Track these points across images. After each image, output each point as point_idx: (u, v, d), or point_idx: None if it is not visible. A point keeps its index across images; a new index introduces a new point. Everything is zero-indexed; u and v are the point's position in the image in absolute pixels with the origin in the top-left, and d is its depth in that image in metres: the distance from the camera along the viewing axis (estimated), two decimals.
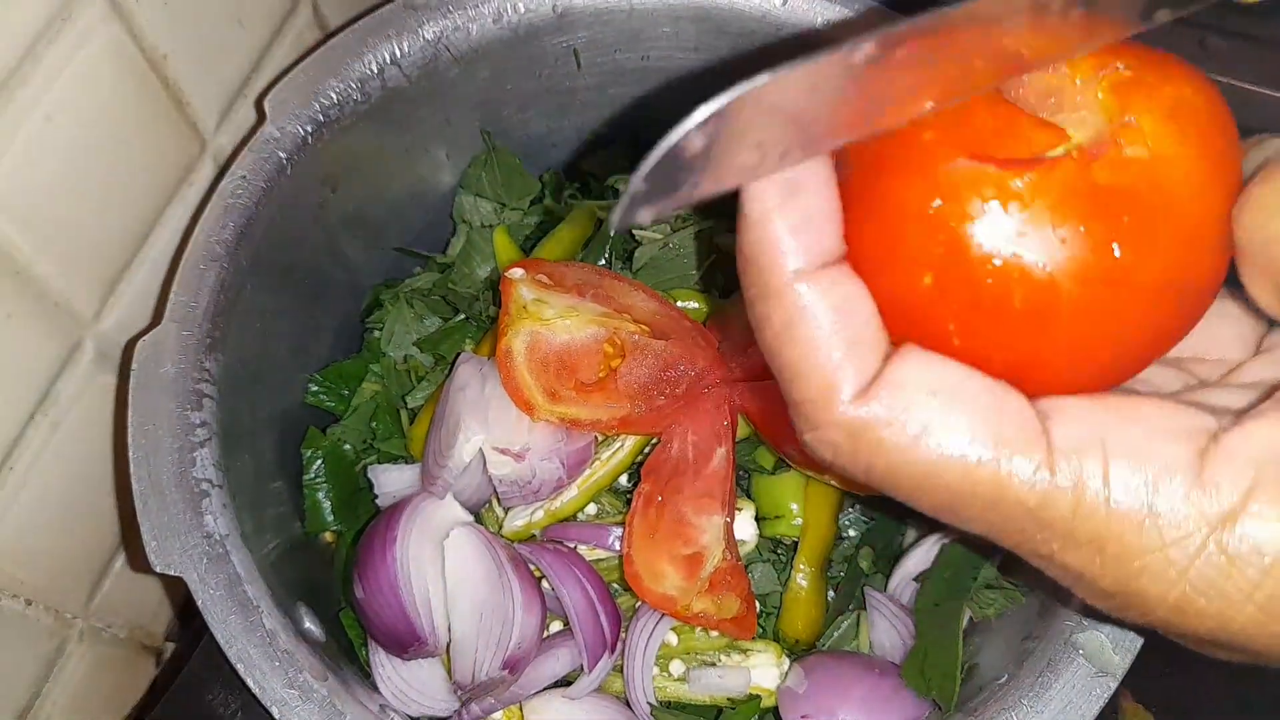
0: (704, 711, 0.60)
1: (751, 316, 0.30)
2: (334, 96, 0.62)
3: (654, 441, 0.63)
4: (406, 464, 0.65)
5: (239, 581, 0.50)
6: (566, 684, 0.59)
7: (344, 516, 0.65)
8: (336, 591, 0.64)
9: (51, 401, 0.57)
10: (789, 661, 0.60)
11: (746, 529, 0.62)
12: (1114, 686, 0.49)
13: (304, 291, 0.66)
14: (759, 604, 0.61)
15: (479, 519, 0.62)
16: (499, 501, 0.62)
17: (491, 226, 0.73)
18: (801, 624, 0.62)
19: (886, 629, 0.61)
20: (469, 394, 0.59)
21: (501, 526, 0.62)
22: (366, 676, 0.60)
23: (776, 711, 0.59)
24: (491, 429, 0.58)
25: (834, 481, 0.62)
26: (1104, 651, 0.49)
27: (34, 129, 0.50)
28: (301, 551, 0.63)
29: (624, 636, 0.60)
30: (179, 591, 0.74)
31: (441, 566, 0.57)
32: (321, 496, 0.64)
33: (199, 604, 0.49)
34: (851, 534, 0.67)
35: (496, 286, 0.69)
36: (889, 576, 0.64)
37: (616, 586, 0.62)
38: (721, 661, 0.60)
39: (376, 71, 0.63)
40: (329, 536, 0.66)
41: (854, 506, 0.66)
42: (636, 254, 0.69)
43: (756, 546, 0.63)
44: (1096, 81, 0.30)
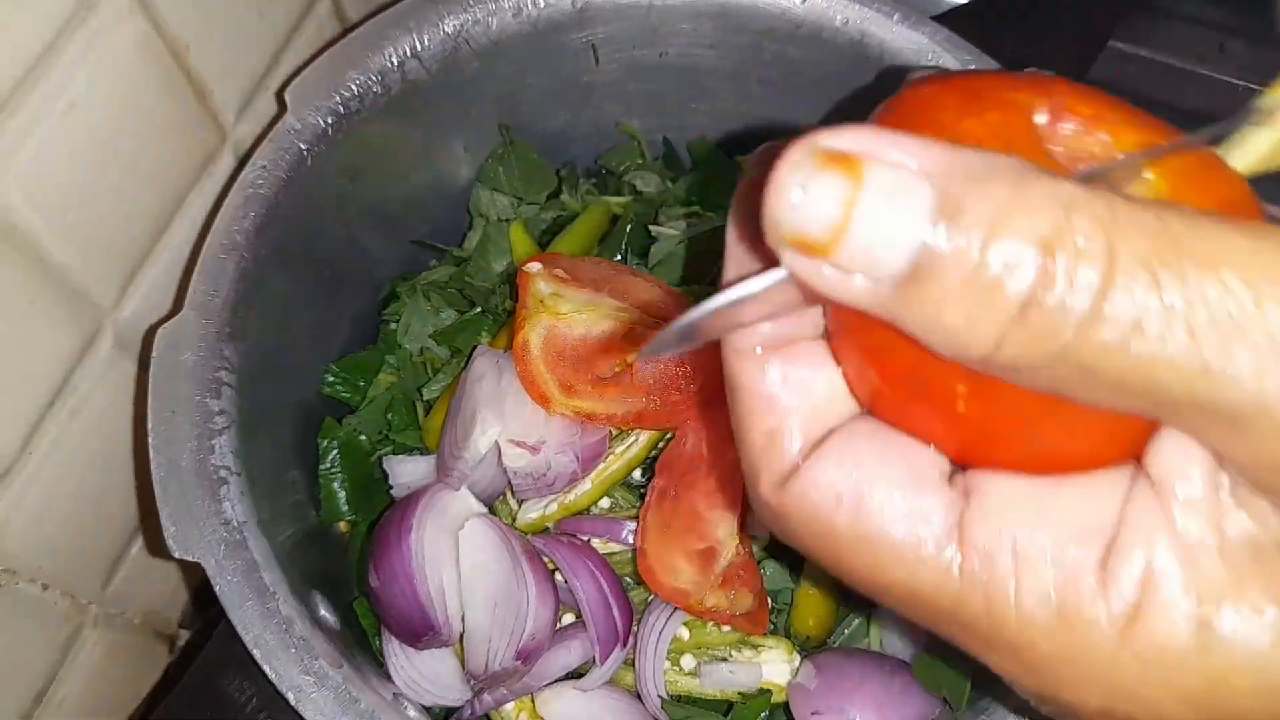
0: (714, 706, 0.61)
1: None
2: (354, 89, 0.62)
3: (668, 436, 0.63)
4: (422, 455, 0.65)
5: (256, 568, 0.50)
6: (578, 676, 0.60)
7: (359, 507, 0.65)
8: (350, 581, 0.65)
9: (70, 389, 0.57)
10: (800, 658, 0.61)
11: (759, 525, 0.62)
12: None
13: (321, 282, 0.66)
14: (770, 600, 0.62)
15: (493, 511, 0.62)
16: (513, 494, 0.63)
17: (508, 220, 0.73)
18: (813, 621, 0.62)
19: (897, 627, 0.62)
20: (485, 386, 0.60)
21: (515, 519, 0.63)
22: (379, 666, 0.60)
23: (787, 707, 0.60)
24: (507, 421, 0.59)
25: None
26: None
27: (57, 118, 0.51)
28: (316, 541, 0.63)
29: (636, 630, 0.60)
30: (194, 579, 0.75)
31: (456, 557, 0.57)
32: (337, 486, 0.65)
33: (216, 590, 0.49)
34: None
35: (512, 280, 0.69)
36: None
37: (629, 580, 0.62)
38: (733, 657, 0.60)
39: (397, 64, 0.63)
40: (343, 526, 0.67)
41: None
42: (653, 250, 0.70)
43: (769, 543, 0.63)
44: (1144, 158, 0.27)
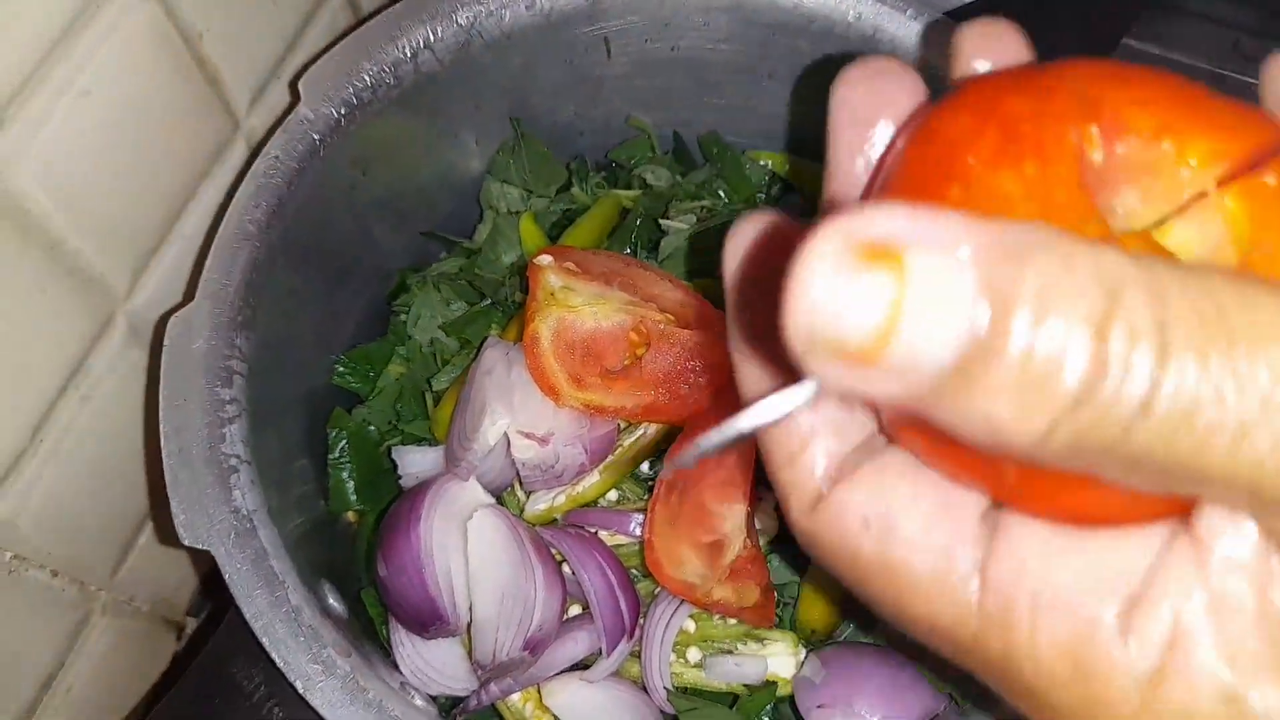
0: (720, 698, 0.61)
1: None
2: (367, 80, 0.62)
3: (677, 430, 0.63)
4: (430, 446, 0.65)
5: (265, 557, 0.50)
6: (584, 667, 0.60)
7: (367, 497, 0.65)
8: (358, 571, 0.65)
9: (83, 375, 0.57)
10: (805, 652, 0.61)
11: (766, 520, 0.63)
12: None
13: (332, 273, 0.66)
14: (777, 594, 0.62)
15: (501, 502, 0.62)
16: (521, 485, 0.63)
17: (518, 213, 0.73)
18: (819, 614, 0.62)
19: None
20: (495, 378, 0.60)
21: (523, 510, 0.63)
22: (387, 655, 0.60)
23: (792, 701, 0.60)
24: (517, 413, 0.59)
25: None
26: None
27: (71, 104, 0.51)
28: (325, 530, 0.64)
29: (642, 622, 0.60)
30: (202, 567, 0.75)
31: (464, 547, 0.57)
32: (345, 476, 0.65)
33: (226, 578, 0.49)
34: None
35: (522, 272, 0.69)
36: None
37: (636, 572, 0.62)
38: (739, 650, 0.60)
39: (410, 55, 0.63)
40: (351, 516, 0.67)
41: None
42: (663, 243, 0.70)
43: (776, 537, 0.63)
44: (1218, 178, 0.24)
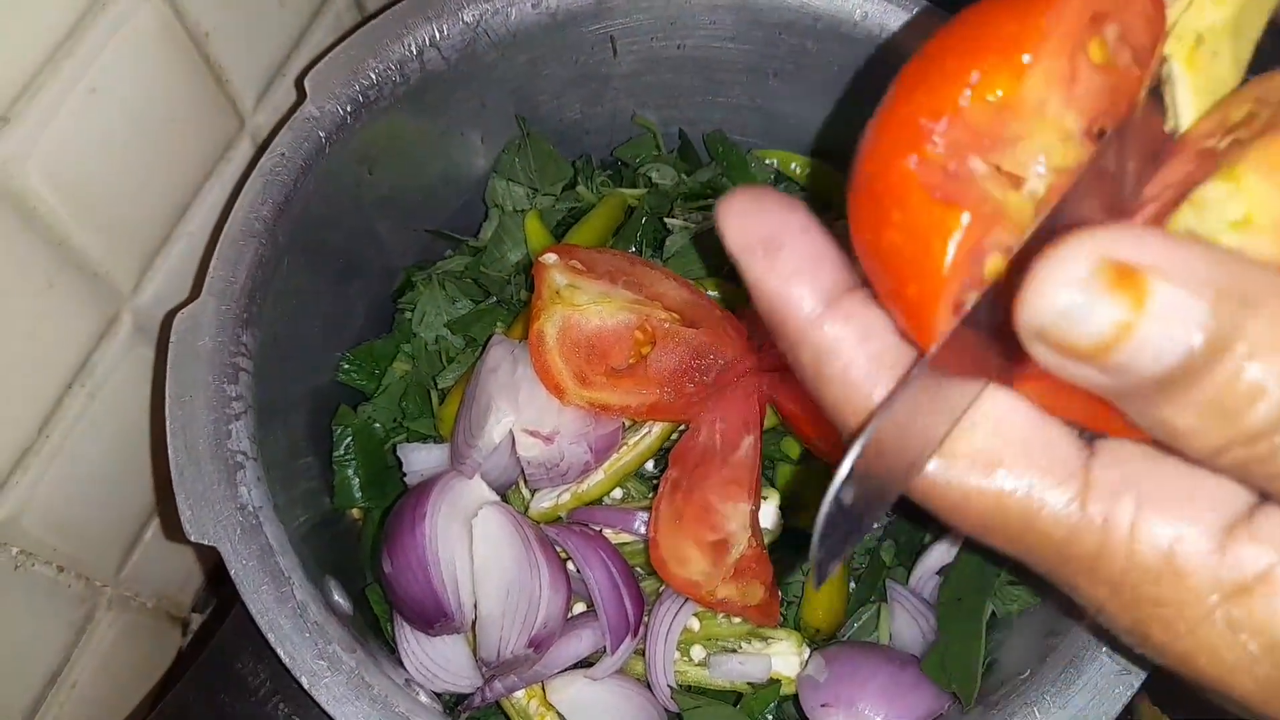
0: (723, 697, 0.61)
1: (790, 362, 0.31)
2: (373, 77, 0.62)
3: (681, 428, 0.63)
4: (435, 443, 0.65)
5: (271, 553, 0.50)
6: (588, 665, 0.60)
7: (372, 493, 0.65)
8: (363, 568, 0.65)
9: (88, 372, 0.58)
10: (809, 651, 0.61)
11: (770, 518, 0.63)
12: (1136, 685, 0.49)
13: (338, 270, 0.66)
14: (781, 593, 0.62)
15: (506, 500, 0.63)
16: (526, 483, 0.63)
17: (524, 211, 0.73)
18: (822, 614, 0.62)
19: (907, 622, 0.62)
20: (500, 376, 0.60)
21: (528, 507, 0.63)
22: (391, 652, 0.60)
23: (796, 700, 0.60)
24: (522, 411, 0.59)
25: None
26: (1128, 650, 0.49)
27: (78, 101, 0.51)
28: (330, 527, 0.64)
29: (647, 620, 0.60)
30: (207, 563, 0.75)
31: (469, 544, 0.57)
32: (351, 473, 0.65)
33: (232, 574, 0.49)
34: (874, 526, 0.67)
35: (527, 271, 0.69)
36: (911, 570, 0.65)
37: (640, 570, 0.62)
38: (742, 648, 0.61)
39: (416, 53, 0.63)
40: (356, 513, 0.67)
41: None
42: (667, 242, 0.70)
43: (780, 536, 0.63)
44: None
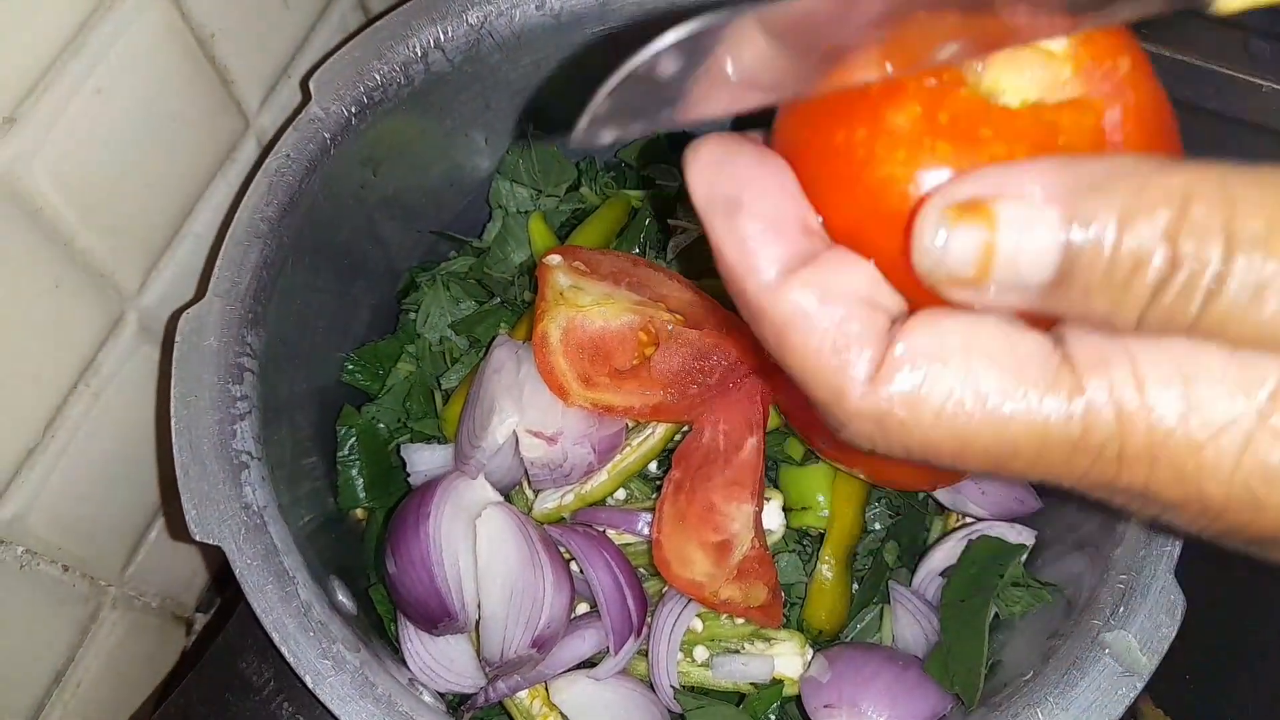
0: (726, 697, 0.61)
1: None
2: (378, 79, 0.62)
3: (685, 429, 0.64)
4: (439, 444, 0.66)
5: (276, 553, 0.50)
6: (591, 665, 0.60)
7: (376, 494, 0.66)
8: (366, 568, 0.65)
9: (94, 372, 0.58)
10: (812, 651, 0.61)
11: (774, 519, 0.63)
12: (1140, 687, 0.49)
13: (342, 271, 0.66)
14: (784, 594, 0.62)
15: (509, 500, 0.63)
16: (529, 484, 0.63)
17: (527, 213, 0.73)
18: (825, 614, 0.62)
19: (910, 623, 0.62)
20: (504, 377, 0.60)
21: (531, 508, 0.63)
22: (395, 652, 0.61)
23: (799, 700, 0.60)
24: (525, 412, 0.59)
25: (861, 475, 0.62)
26: (1131, 651, 0.50)
27: (84, 102, 0.51)
28: (333, 527, 0.64)
29: (650, 621, 0.60)
30: (212, 563, 0.75)
31: (473, 544, 0.57)
32: (355, 473, 0.65)
33: (236, 573, 0.50)
34: (877, 528, 0.67)
35: (531, 272, 0.70)
36: (914, 571, 0.65)
37: (644, 571, 0.62)
38: (745, 649, 0.61)
39: (420, 55, 0.63)
40: (360, 513, 0.67)
41: (880, 501, 0.67)
42: (671, 244, 0.70)
43: (783, 537, 0.63)
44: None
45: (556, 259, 0.63)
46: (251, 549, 0.50)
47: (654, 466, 0.65)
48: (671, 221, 0.71)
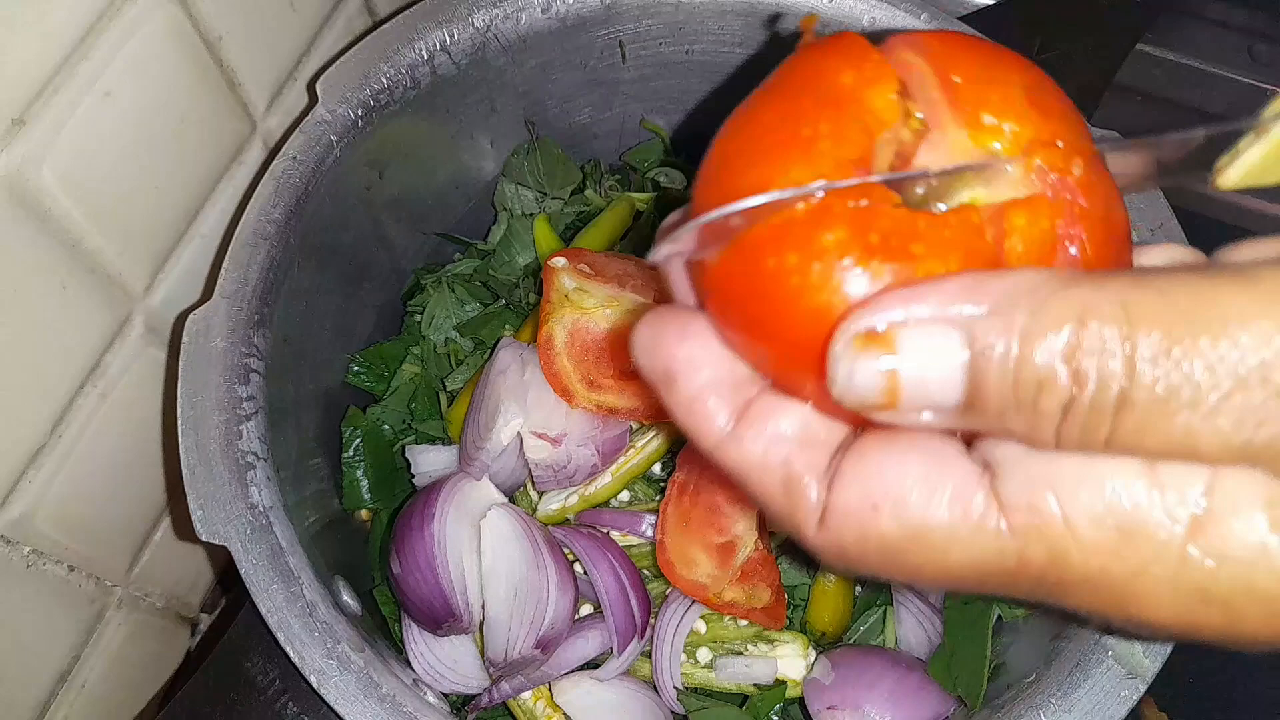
0: (730, 699, 0.61)
1: None
2: (384, 81, 0.62)
3: None
4: (444, 445, 0.66)
5: (281, 553, 0.50)
6: (595, 666, 0.60)
7: (381, 495, 0.66)
8: (370, 569, 0.65)
9: (101, 372, 0.58)
10: (815, 653, 0.61)
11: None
12: (1143, 689, 0.49)
13: (348, 272, 0.67)
14: (787, 596, 0.62)
15: (513, 501, 0.63)
16: (534, 485, 0.63)
17: (532, 215, 0.74)
18: (829, 616, 0.62)
19: (913, 625, 0.62)
20: (509, 378, 0.60)
21: (536, 510, 0.63)
22: (399, 653, 0.61)
23: (802, 702, 0.60)
24: (530, 413, 0.59)
25: None
26: (1134, 654, 0.50)
27: (92, 104, 0.51)
28: (338, 528, 0.64)
29: (654, 622, 0.60)
30: (217, 563, 0.76)
31: (477, 545, 0.58)
32: (360, 474, 0.65)
33: (242, 573, 0.50)
34: None
35: (536, 274, 0.70)
36: None
37: (647, 573, 0.62)
38: (749, 651, 0.61)
39: (426, 58, 0.64)
40: (365, 514, 0.67)
41: None
42: None
43: (786, 539, 0.63)
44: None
45: (561, 261, 0.63)
46: (257, 549, 0.50)
47: (658, 468, 0.65)
48: None
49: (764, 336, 0.30)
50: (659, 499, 0.62)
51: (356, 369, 0.69)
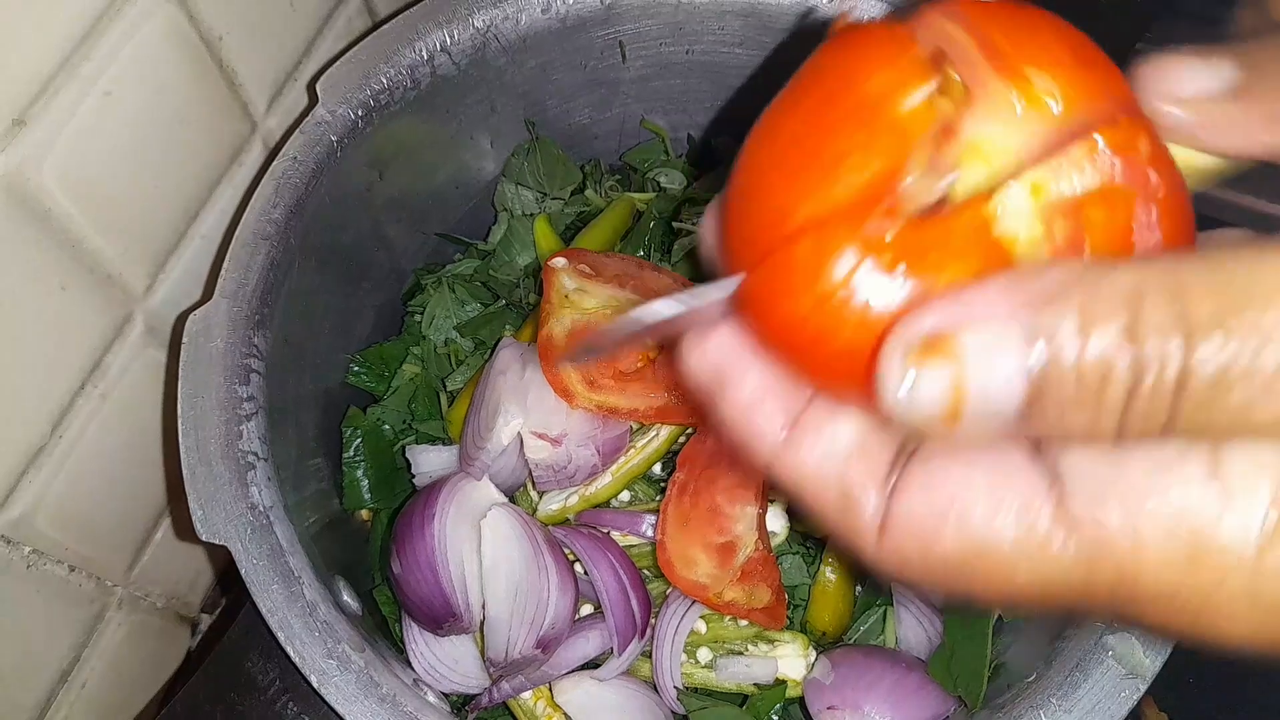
0: (730, 699, 0.61)
1: None
2: (385, 82, 0.62)
3: (689, 431, 0.64)
4: (444, 445, 0.66)
5: (281, 553, 0.50)
6: (595, 666, 0.60)
7: (381, 495, 0.66)
8: (371, 569, 0.66)
9: (101, 373, 0.58)
10: (815, 653, 0.61)
11: (777, 521, 0.63)
12: (1143, 689, 0.49)
13: (348, 273, 0.67)
14: (787, 596, 0.62)
15: (514, 501, 0.63)
16: (534, 485, 0.63)
17: (533, 215, 0.74)
18: (829, 616, 0.62)
19: (913, 625, 0.62)
20: (509, 378, 0.60)
21: (536, 510, 0.63)
22: (400, 653, 0.61)
23: (802, 702, 0.60)
24: (530, 413, 0.59)
25: None
26: (1134, 653, 0.50)
27: (93, 104, 0.51)
28: (338, 528, 0.64)
29: (654, 622, 0.60)
30: (217, 564, 0.76)
31: (478, 545, 0.58)
32: (360, 474, 0.66)
33: (242, 573, 0.50)
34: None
35: (536, 274, 0.70)
36: None
37: (647, 573, 0.62)
38: (749, 651, 0.61)
39: (426, 58, 0.64)
40: (365, 514, 0.67)
41: None
42: (675, 246, 0.70)
43: (787, 539, 0.64)
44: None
45: (562, 261, 0.63)
46: (257, 549, 0.50)
47: (658, 468, 0.65)
48: (676, 224, 0.71)
49: (805, 364, 0.29)
50: (659, 499, 0.62)
51: (357, 369, 0.69)
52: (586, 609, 0.63)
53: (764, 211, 0.28)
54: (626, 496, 0.64)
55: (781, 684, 0.60)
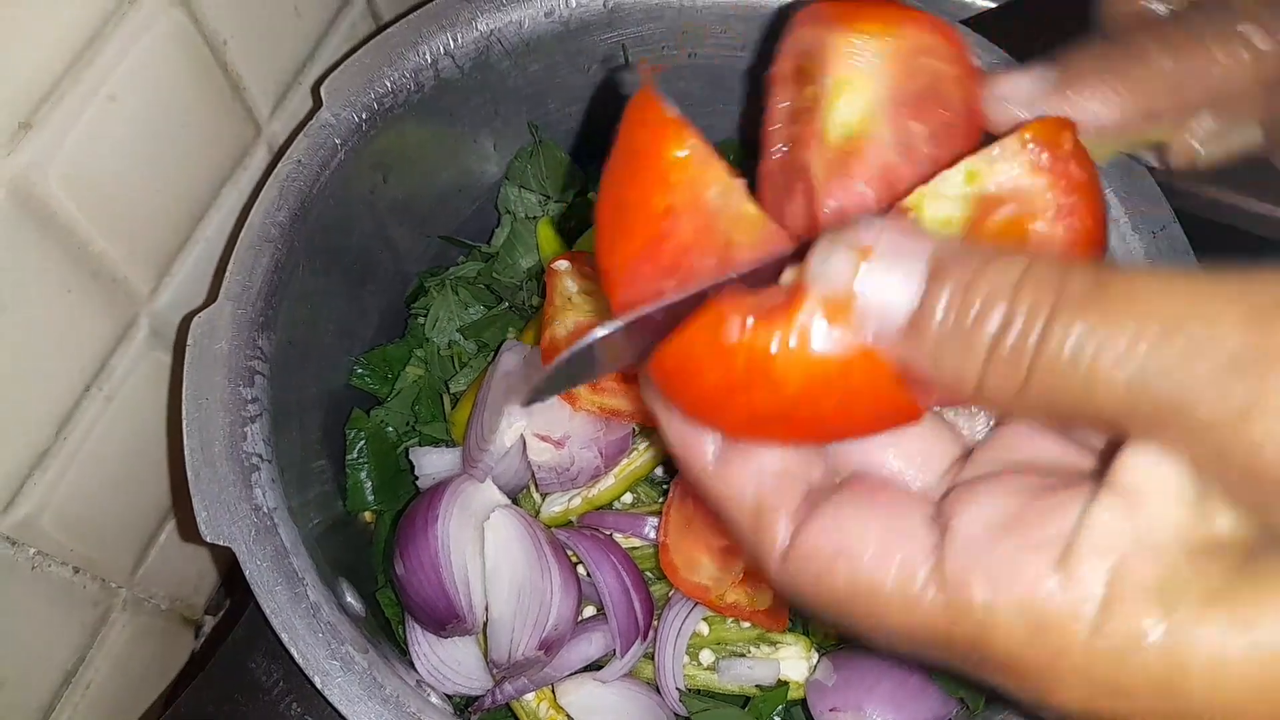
0: (732, 700, 0.61)
1: None
2: (389, 85, 0.63)
3: None
4: (447, 447, 0.66)
5: (285, 554, 0.51)
6: (598, 668, 0.60)
7: (384, 497, 0.66)
8: (374, 571, 0.66)
9: (106, 375, 0.58)
10: (817, 655, 0.61)
11: None
12: None
13: (352, 275, 0.67)
14: None
15: (517, 503, 0.63)
16: (536, 487, 0.63)
17: (536, 218, 0.74)
18: None
19: None
20: (512, 381, 0.60)
21: (539, 511, 0.63)
22: (403, 654, 0.61)
23: (804, 704, 0.60)
24: (533, 415, 0.60)
25: None
26: None
27: (98, 108, 0.52)
28: (342, 529, 0.64)
29: (656, 624, 0.60)
30: (221, 566, 0.76)
31: (481, 547, 0.58)
32: (363, 476, 0.66)
33: (246, 574, 0.50)
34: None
35: (539, 277, 0.70)
36: None
37: (650, 575, 0.62)
38: (751, 653, 0.61)
39: (430, 62, 0.64)
40: (368, 516, 0.68)
41: None
42: None
43: None
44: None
45: (564, 264, 0.63)
46: (261, 550, 0.50)
47: (661, 471, 0.65)
48: None
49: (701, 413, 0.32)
50: (662, 501, 0.62)
51: (360, 371, 0.69)
52: (589, 611, 0.63)
53: (601, 256, 0.34)
54: (629, 499, 0.64)
55: (784, 686, 0.60)
